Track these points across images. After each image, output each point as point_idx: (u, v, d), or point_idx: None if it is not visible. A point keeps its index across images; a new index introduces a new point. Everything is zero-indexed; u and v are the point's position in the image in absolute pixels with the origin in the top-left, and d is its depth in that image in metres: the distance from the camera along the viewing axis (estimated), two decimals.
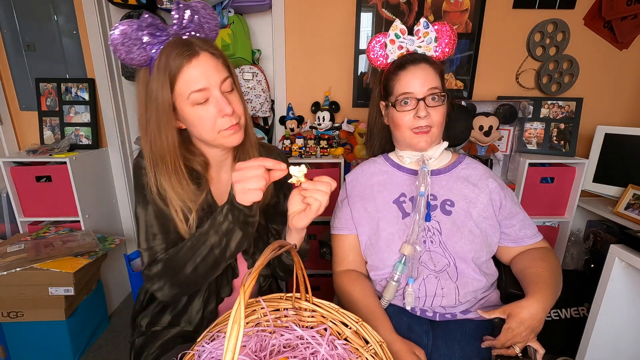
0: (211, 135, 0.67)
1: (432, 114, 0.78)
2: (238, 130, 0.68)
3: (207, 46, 0.65)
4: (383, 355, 0.56)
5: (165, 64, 0.61)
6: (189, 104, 0.64)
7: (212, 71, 0.64)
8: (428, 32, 0.81)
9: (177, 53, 0.62)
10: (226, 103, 0.64)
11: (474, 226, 0.78)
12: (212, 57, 0.65)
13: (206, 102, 0.64)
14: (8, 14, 1.62)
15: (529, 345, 0.71)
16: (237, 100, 0.68)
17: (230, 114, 0.65)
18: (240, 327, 0.36)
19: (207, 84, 0.63)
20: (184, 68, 0.62)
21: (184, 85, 0.63)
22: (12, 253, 1.37)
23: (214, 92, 0.64)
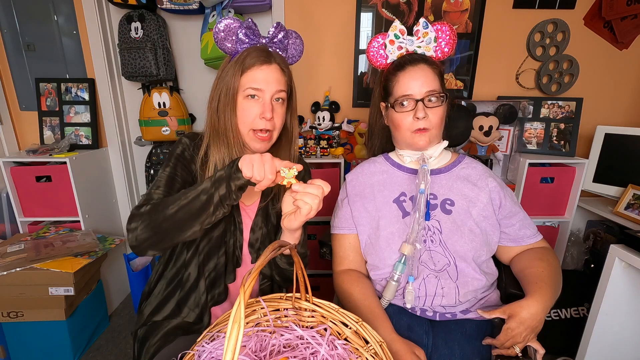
0: (245, 129, 0.75)
1: (430, 115, 0.78)
2: (265, 140, 0.76)
3: (281, 62, 0.76)
4: (383, 355, 0.56)
5: (244, 59, 0.73)
6: (243, 95, 0.74)
7: (273, 80, 0.74)
8: (427, 32, 0.81)
9: (256, 55, 0.74)
10: (269, 108, 0.73)
11: (474, 225, 0.78)
12: (279, 71, 0.76)
13: (256, 99, 0.74)
14: (8, 14, 1.62)
15: (529, 345, 0.71)
16: (280, 112, 0.77)
17: (268, 119, 0.73)
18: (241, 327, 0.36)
19: (264, 87, 0.73)
20: (254, 68, 0.73)
21: (247, 80, 0.73)
22: (12, 253, 1.37)
23: (266, 96, 0.74)
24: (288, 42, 0.81)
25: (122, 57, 1.62)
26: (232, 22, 0.76)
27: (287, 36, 0.79)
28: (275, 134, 0.78)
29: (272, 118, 0.74)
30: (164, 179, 0.75)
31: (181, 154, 0.78)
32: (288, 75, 0.78)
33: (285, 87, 0.77)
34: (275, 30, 0.78)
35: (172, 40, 1.70)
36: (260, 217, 0.83)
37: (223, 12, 1.52)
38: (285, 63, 0.78)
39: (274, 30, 0.77)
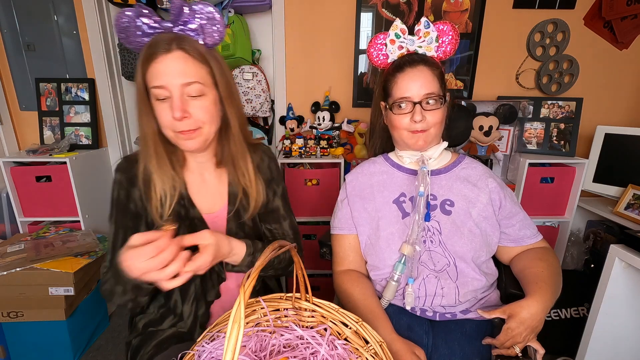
0: (168, 132, 0.68)
1: (428, 117, 0.77)
2: (192, 137, 0.67)
3: (189, 47, 0.64)
4: (383, 355, 0.56)
5: (143, 53, 0.64)
6: (153, 97, 0.66)
7: (175, 72, 0.63)
8: (429, 32, 0.81)
9: (152, 45, 0.63)
10: (178, 107, 0.63)
11: (473, 226, 0.78)
12: (184, 58, 0.64)
13: (165, 100, 0.65)
14: (8, 14, 1.62)
15: (529, 345, 0.71)
16: (201, 107, 0.66)
17: (180, 119, 0.64)
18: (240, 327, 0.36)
19: (166, 83, 0.63)
20: (152, 62, 0.63)
21: (149, 78, 0.64)
22: (12, 253, 1.37)
23: (173, 92, 0.63)
24: (199, 19, 0.66)
25: (122, 57, 1.62)
26: (129, 14, 0.64)
27: (194, 12, 0.65)
28: (207, 128, 0.69)
29: (188, 116, 0.65)
30: (110, 240, 0.73)
31: (117, 199, 0.73)
32: (204, 61, 0.66)
33: (197, 77, 0.65)
34: (175, 8, 0.64)
35: None
36: (232, 223, 0.78)
37: (223, 12, 1.52)
38: (195, 47, 0.65)
39: (174, 8, 0.64)
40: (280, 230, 0.83)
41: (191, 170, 0.77)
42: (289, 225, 0.84)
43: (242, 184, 0.76)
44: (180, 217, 0.75)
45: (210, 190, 0.78)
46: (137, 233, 0.55)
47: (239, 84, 1.64)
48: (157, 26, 0.65)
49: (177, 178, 0.73)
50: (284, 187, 0.85)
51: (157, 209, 0.71)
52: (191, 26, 0.66)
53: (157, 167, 0.70)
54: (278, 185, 0.83)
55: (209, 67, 0.67)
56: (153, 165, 0.70)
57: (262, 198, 0.79)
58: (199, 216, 0.76)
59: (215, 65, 0.68)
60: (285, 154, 1.56)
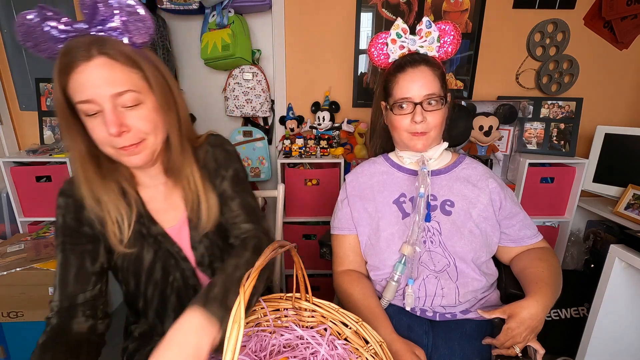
0: (108, 150, 0.60)
1: (429, 118, 0.77)
2: (136, 152, 0.60)
3: (112, 50, 0.55)
4: (383, 355, 0.56)
5: (58, 63, 0.54)
6: (81, 114, 0.57)
7: (101, 82, 0.54)
8: (430, 32, 0.80)
9: (70, 54, 0.53)
10: (113, 122, 0.55)
11: (473, 226, 0.78)
12: (109, 64, 0.54)
13: (97, 115, 0.56)
14: (8, 14, 1.62)
15: (529, 346, 0.71)
16: (140, 117, 0.58)
17: (117, 134, 0.56)
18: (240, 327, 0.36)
19: (92, 96, 0.54)
20: (72, 74, 0.54)
21: (71, 92, 0.55)
22: (12, 253, 1.37)
23: (104, 105, 0.55)
24: (119, 16, 0.55)
25: None
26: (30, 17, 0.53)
27: (111, 7, 0.55)
28: (152, 138, 0.61)
29: (126, 130, 0.57)
30: (59, 272, 0.64)
31: (62, 225, 0.65)
32: (134, 65, 0.57)
33: (129, 84, 0.56)
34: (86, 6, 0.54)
35: (172, 40, 1.70)
36: (195, 232, 0.72)
37: (223, 12, 1.52)
38: (121, 50, 0.56)
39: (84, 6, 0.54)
40: (229, 213, 0.71)
41: (145, 185, 0.71)
42: (239, 205, 0.71)
43: (191, 194, 0.69)
44: (142, 235, 0.69)
45: (167, 203, 0.72)
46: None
47: (238, 84, 1.65)
48: (69, 29, 0.55)
49: (130, 196, 0.67)
50: (236, 168, 0.73)
51: (114, 234, 0.65)
52: (111, 25, 0.56)
53: (93, 191, 0.63)
54: (226, 169, 0.73)
55: (141, 72, 0.58)
56: (88, 192, 0.63)
57: (215, 209, 0.71)
58: (162, 232, 0.70)
59: (148, 67, 0.59)
60: (285, 154, 1.56)
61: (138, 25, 0.57)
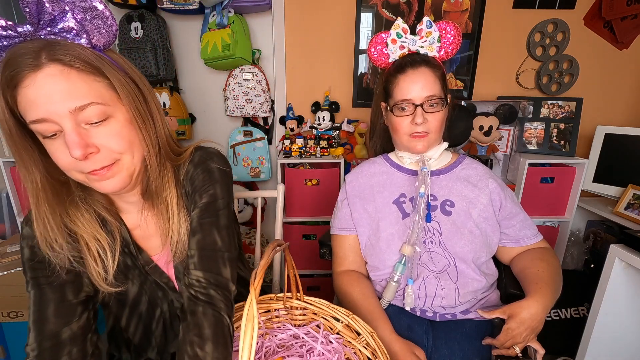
0: (76, 176, 0.50)
1: (429, 119, 0.77)
2: (109, 176, 0.51)
3: (65, 55, 0.44)
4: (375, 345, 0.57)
5: (1, 78, 0.44)
6: (38, 136, 0.47)
7: (57, 95, 0.44)
8: (431, 32, 0.80)
9: (14, 64, 0.43)
10: (76, 143, 0.45)
11: (474, 226, 0.78)
12: (64, 73, 0.44)
13: (57, 135, 0.46)
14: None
15: (529, 346, 0.71)
16: (110, 133, 0.49)
17: (82, 158, 0.46)
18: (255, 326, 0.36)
19: (47, 114, 0.44)
20: (18, 88, 0.44)
21: (21, 110, 0.45)
22: (12, 253, 1.37)
23: (64, 124, 0.45)
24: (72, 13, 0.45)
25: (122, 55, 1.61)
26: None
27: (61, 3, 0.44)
28: (128, 158, 0.52)
29: (94, 151, 0.48)
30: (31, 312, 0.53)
31: (30, 258, 0.55)
32: (96, 71, 0.47)
33: (92, 96, 0.46)
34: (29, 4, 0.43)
35: (172, 40, 1.70)
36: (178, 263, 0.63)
37: (223, 12, 1.52)
38: (78, 54, 0.45)
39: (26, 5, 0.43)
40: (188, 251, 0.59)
41: (126, 210, 0.62)
42: (196, 243, 0.57)
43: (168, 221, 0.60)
44: (127, 267, 0.62)
45: (150, 228, 0.63)
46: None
47: (238, 84, 1.65)
48: (11, 34, 0.43)
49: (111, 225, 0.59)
50: (212, 195, 0.60)
51: (97, 272, 0.56)
52: (63, 25, 0.45)
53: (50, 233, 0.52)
54: (202, 195, 0.60)
55: (106, 79, 0.48)
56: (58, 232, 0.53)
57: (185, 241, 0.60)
58: (149, 261, 0.63)
59: (114, 74, 0.48)
60: (285, 154, 1.56)
61: (97, 23, 0.47)
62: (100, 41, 0.49)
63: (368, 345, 0.58)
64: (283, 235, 1.54)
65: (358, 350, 0.59)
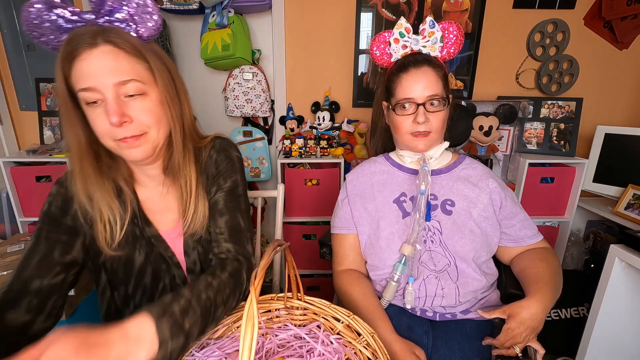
0: (108, 142, 0.58)
1: (431, 119, 0.77)
2: (137, 145, 0.58)
3: (118, 39, 0.54)
4: (376, 346, 0.57)
5: (62, 51, 0.54)
6: (83, 102, 0.56)
7: (105, 69, 0.53)
8: (434, 32, 0.80)
9: (75, 41, 0.53)
10: (115, 110, 0.54)
11: (474, 226, 0.78)
12: (114, 52, 0.54)
13: (98, 103, 0.55)
14: (8, 14, 1.62)
15: (529, 346, 0.71)
16: (143, 108, 0.58)
17: (118, 124, 0.55)
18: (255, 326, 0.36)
19: (95, 84, 0.53)
20: (75, 61, 0.53)
21: (74, 79, 0.55)
22: (12, 253, 1.37)
23: (106, 94, 0.54)
24: (127, 7, 0.56)
25: None
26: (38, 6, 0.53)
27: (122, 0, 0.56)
28: (154, 132, 0.60)
29: (128, 120, 0.56)
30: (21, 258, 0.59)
31: (46, 212, 0.64)
32: (139, 56, 0.57)
33: (133, 74, 0.56)
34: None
35: (172, 40, 1.70)
36: (188, 237, 0.69)
37: (223, 12, 1.52)
38: (127, 39, 0.56)
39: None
40: (215, 227, 0.68)
41: (142, 184, 0.70)
42: (225, 222, 0.67)
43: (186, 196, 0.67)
44: (135, 237, 0.67)
45: (163, 204, 0.70)
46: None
47: (238, 84, 1.65)
48: (76, 19, 0.55)
49: (125, 195, 0.65)
50: (235, 181, 0.70)
51: (103, 235, 0.63)
52: (118, 16, 0.56)
53: (87, 187, 0.61)
54: (225, 179, 0.70)
55: (146, 63, 0.58)
56: (82, 186, 0.61)
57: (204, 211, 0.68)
58: (156, 234, 0.68)
59: (154, 59, 0.59)
60: (285, 154, 1.56)
61: (145, 17, 0.57)
62: (145, 33, 0.59)
63: (368, 345, 0.58)
64: (283, 235, 1.54)
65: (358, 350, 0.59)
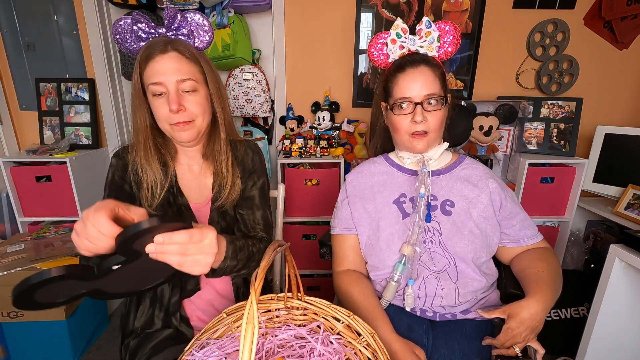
0: (164, 125, 0.75)
1: (429, 118, 0.77)
2: (186, 129, 0.75)
3: (183, 49, 0.72)
4: (376, 346, 0.57)
5: (141, 54, 0.72)
6: (150, 94, 0.73)
7: (171, 70, 0.71)
8: (430, 32, 0.80)
9: (151, 47, 0.71)
10: (174, 100, 0.70)
11: (474, 226, 0.78)
12: (179, 58, 0.72)
13: (162, 95, 0.72)
14: (8, 14, 1.62)
15: (529, 345, 0.71)
16: (194, 101, 0.74)
17: (175, 111, 0.71)
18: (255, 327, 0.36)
19: (163, 80, 0.70)
20: (150, 62, 0.71)
21: (147, 76, 0.72)
22: (12, 253, 1.37)
23: (169, 88, 0.71)
24: (190, 25, 0.76)
25: (122, 57, 1.62)
26: (127, 20, 0.74)
27: (186, 19, 0.75)
28: (200, 120, 0.76)
29: (183, 109, 0.72)
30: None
31: (111, 180, 0.79)
32: (196, 61, 0.75)
33: (191, 74, 0.73)
34: (169, 15, 0.73)
35: None
36: (215, 212, 0.83)
37: (223, 12, 1.52)
38: (188, 49, 0.74)
39: (167, 15, 0.74)
40: (252, 217, 0.84)
41: (181, 163, 0.84)
42: (261, 216, 0.85)
43: (221, 175, 0.81)
44: (169, 203, 0.80)
45: (197, 183, 0.84)
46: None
47: (238, 84, 1.65)
48: (152, 32, 0.74)
49: (169, 168, 0.80)
50: (265, 182, 0.88)
51: (146, 196, 0.77)
52: (183, 31, 0.75)
53: (147, 157, 0.77)
54: (259, 178, 0.87)
55: (200, 67, 0.76)
56: (144, 156, 0.77)
57: (238, 189, 0.83)
58: (187, 204, 0.82)
59: (205, 65, 0.77)
60: (285, 154, 1.56)
61: (202, 33, 0.77)
62: (200, 45, 0.78)
63: (369, 345, 0.58)
64: (283, 235, 1.54)
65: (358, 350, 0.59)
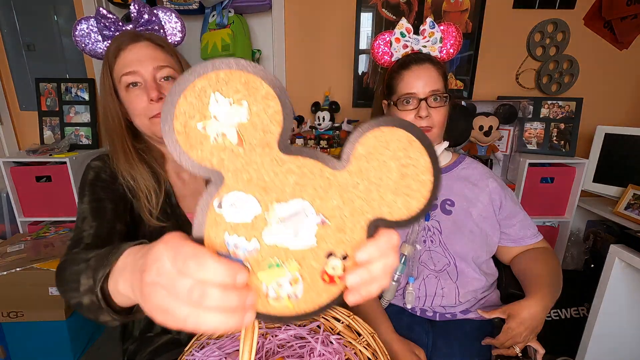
0: (143, 121, 0.68)
1: (433, 114, 0.78)
2: None
3: (155, 38, 0.69)
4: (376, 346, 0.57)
5: (109, 48, 0.68)
6: (123, 87, 0.67)
7: (146, 57, 0.67)
8: (434, 32, 0.81)
9: (119, 39, 0.68)
10: (153, 87, 0.66)
11: (474, 226, 0.78)
12: (153, 46, 0.68)
13: (138, 85, 0.67)
14: (8, 14, 1.62)
15: (529, 345, 0.71)
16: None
17: (156, 99, 0.65)
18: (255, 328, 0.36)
19: (138, 68, 0.66)
20: (121, 52, 0.66)
21: (118, 68, 0.67)
22: (12, 253, 1.37)
23: (145, 76, 0.66)
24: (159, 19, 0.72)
25: None
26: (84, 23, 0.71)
27: (153, 13, 0.71)
28: None
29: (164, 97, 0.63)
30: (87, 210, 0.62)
31: (95, 178, 0.67)
32: (172, 52, 0.70)
33: (167, 62, 0.68)
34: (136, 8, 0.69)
35: None
36: None
37: (223, 12, 1.52)
38: (161, 39, 0.70)
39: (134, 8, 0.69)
40: None
41: (168, 169, 0.77)
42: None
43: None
44: (167, 214, 0.72)
45: (189, 190, 0.77)
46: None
47: None
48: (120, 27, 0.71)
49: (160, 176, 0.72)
50: None
51: (146, 206, 0.68)
52: (152, 26, 0.72)
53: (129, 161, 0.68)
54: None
55: (177, 58, 0.71)
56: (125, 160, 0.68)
57: None
58: (184, 215, 0.74)
59: (182, 60, 0.73)
60: None
61: (172, 27, 0.76)
62: (172, 40, 0.76)
63: (369, 345, 0.58)
64: None
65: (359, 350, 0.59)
